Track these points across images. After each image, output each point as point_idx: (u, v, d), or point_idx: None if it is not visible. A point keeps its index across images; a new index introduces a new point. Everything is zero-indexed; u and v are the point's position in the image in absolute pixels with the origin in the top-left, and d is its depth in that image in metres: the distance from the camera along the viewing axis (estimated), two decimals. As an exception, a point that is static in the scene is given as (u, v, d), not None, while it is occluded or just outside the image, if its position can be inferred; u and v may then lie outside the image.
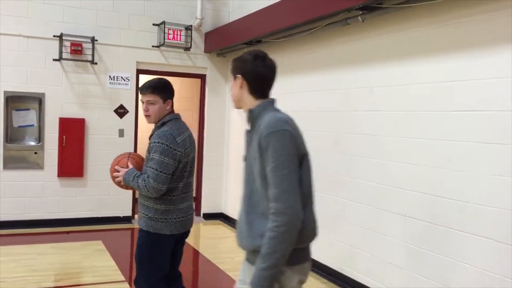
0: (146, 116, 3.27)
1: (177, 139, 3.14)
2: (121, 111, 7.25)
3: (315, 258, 5.20)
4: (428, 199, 3.88)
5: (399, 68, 4.25)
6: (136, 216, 7.14)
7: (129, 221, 7.23)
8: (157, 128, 3.26)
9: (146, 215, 3.21)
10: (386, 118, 4.37)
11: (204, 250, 6.18)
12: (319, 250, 5.24)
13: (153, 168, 3.06)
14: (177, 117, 3.32)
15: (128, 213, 7.31)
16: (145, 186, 3.07)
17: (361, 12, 4.41)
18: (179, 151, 3.13)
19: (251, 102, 2.29)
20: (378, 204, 4.42)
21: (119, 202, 7.21)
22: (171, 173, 3.10)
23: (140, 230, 3.27)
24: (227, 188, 7.83)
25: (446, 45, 3.78)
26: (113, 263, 5.37)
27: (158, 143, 3.09)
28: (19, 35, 6.60)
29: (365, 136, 4.62)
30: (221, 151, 7.91)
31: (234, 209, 7.56)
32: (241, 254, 2.35)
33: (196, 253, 6.10)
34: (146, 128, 8.34)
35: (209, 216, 7.88)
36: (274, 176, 2.04)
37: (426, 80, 3.95)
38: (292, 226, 2.01)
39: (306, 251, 2.22)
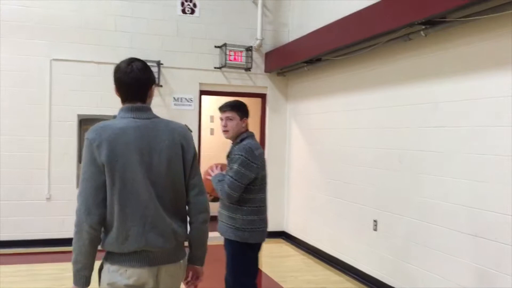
0: (224, 131, 3.60)
1: (255, 152, 3.46)
2: (185, 131, 7.46)
3: (383, 280, 5.09)
4: (499, 218, 3.70)
5: (465, 82, 4.11)
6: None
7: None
8: (236, 144, 3.56)
9: (233, 225, 3.47)
10: (452, 134, 4.23)
11: (267, 268, 6.18)
12: (386, 271, 5.10)
13: (230, 176, 3.38)
14: (253, 135, 3.66)
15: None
16: (221, 190, 3.41)
17: (423, 27, 4.33)
18: (255, 164, 3.44)
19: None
20: (447, 223, 4.25)
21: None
22: (244, 183, 3.38)
23: (229, 242, 3.52)
24: (289, 207, 7.82)
25: (516, 57, 3.63)
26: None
27: (238, 155, 3.41)
28: (91, 62, 7.03)
29: (431, 153, 4.49)
30: (283, 170, 7.92)
31: (296, 228, 7.52)
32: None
33: (259, 271, 6.10)
34: (208, 147, 8.55)
35: (271, 235, 7.82)
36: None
37: (494, 95, 3.80)
38: (78, 228, 2.17)
39: (131, 256, 2.21)
